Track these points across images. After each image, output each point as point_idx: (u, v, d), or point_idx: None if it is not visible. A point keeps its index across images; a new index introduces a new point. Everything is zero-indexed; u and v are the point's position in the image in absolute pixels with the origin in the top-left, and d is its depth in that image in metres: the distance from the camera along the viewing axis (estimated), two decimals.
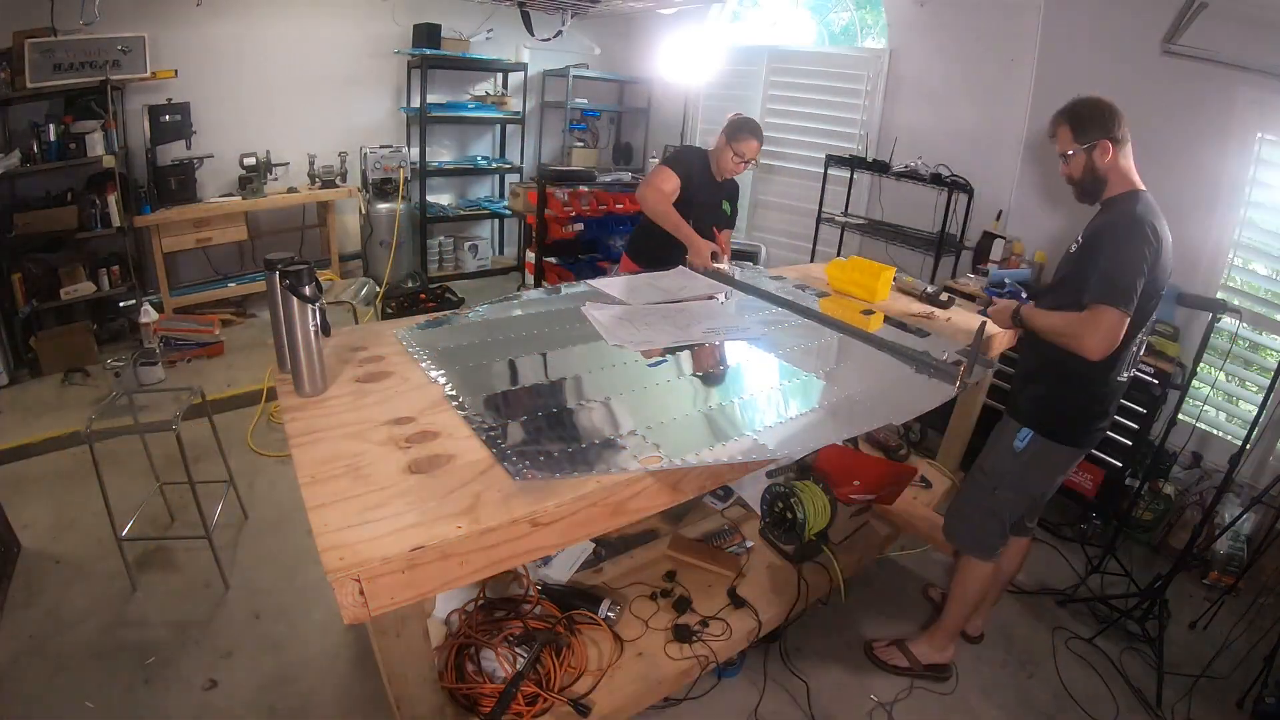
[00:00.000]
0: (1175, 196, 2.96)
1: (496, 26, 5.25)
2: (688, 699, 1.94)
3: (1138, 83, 2.99)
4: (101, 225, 3.72)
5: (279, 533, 2.54)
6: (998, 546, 1.98)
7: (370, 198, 4.85)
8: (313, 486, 1.13)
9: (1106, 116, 1.70)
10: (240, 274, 4.62)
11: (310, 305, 1.38)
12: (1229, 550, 2.65)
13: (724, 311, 2.11)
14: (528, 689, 1.52)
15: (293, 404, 1.41)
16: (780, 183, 4.93)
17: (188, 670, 1.95)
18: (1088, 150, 1.71)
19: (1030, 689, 2.13)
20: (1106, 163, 1.70)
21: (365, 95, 5.04)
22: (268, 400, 3.37)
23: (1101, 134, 1.69)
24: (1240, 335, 2.75)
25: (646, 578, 2.01)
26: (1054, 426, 1.84)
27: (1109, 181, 1.73)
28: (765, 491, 2.13)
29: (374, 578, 0.97)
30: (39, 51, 3.44)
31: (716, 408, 1.51)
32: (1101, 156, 1.70)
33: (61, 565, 2.32)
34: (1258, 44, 2.67)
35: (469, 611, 1.73)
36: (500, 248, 6.13)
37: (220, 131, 4.28)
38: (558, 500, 1.14)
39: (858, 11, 4.71)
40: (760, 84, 4.82)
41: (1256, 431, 2.34)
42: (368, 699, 1.90)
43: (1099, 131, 1.69)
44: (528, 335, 1.83)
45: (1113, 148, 1.69)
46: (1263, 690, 2.06)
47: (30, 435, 3.01)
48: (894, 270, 2.58)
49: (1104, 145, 1.69)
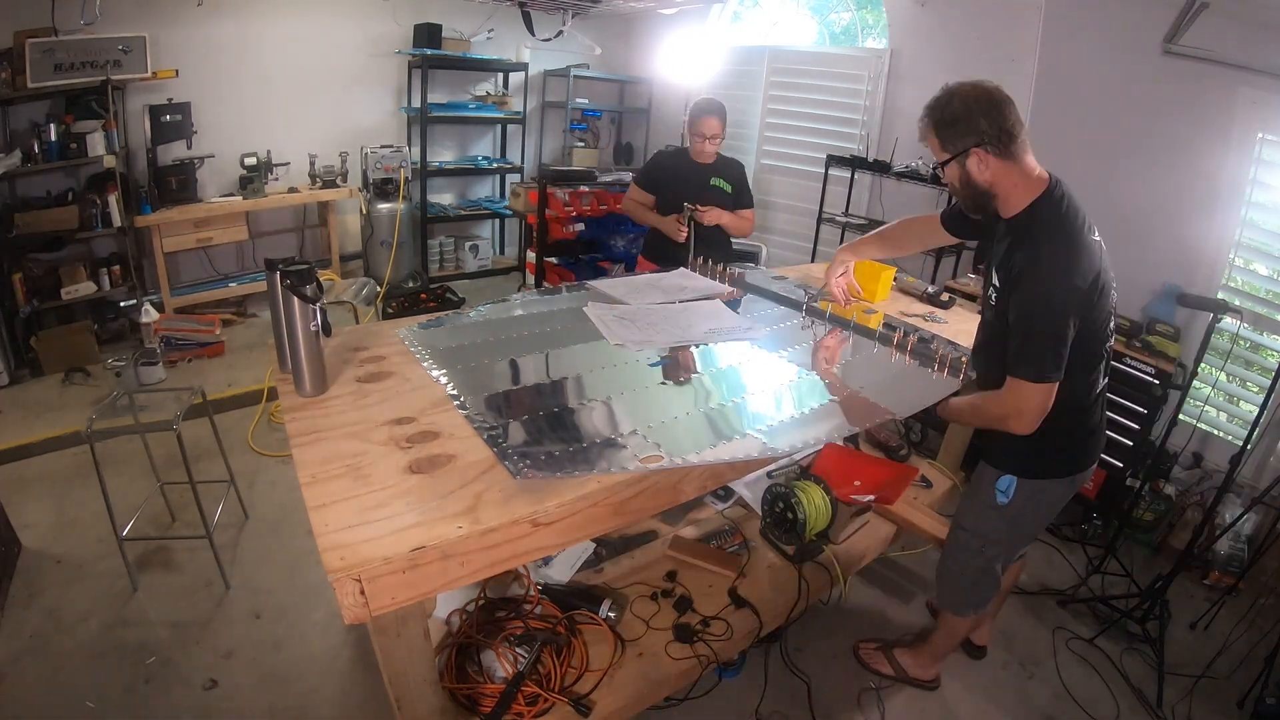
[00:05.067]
0: (1175, 196, 2.98)
1: (497, 26, 5.25)
2: (689, 699, 1.93)
3: (1138, 83, 2.99)
4: (102, 225, 3.72)
5: (280, 533, 2.54)
6: (992, 596, 1.82)
7: (371, 198, 4.85)
8: (313, 486, 1.13)
9: (979, 115, 1.34)
10: (241, 274, 4.62)
11: (311, 305, 1.38)
12: (1229, 551, 2.64)
13: (725, 312, 2.12)
14: (528, 689, 1.52)
15: (293, 404, 1.41)
16: (781, 183, 4.93)
17: (188, 670, 1.95)
18: (959, 161, 1.40)
19: (1031, 689, 2.13)
20: (988, 174, 1.39)
21: (366, 95, 5.04)
22: (268, 400, 3.36)
23: (972, 140, 1.35)
24: (1241, 336, 2.75)
25: (647, 578, 2.00)
26: (1039, 464, 1.57)
27: (999, 195, 1.41)
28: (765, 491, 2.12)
29: (375, 578, 0.97)
30: (40, 51, 3.44)
31: (717, 407, 1.51)
32: (979, 167, 1.38)
33: (62, 565, 2.32)
34: (1258, 44, 2.66)
35: (470, 611, 1.73)
36: (501, 248, 6.13)
37: (221, 131, 4.29)
38: (559, 500, 1.14)
39: (858, 11, 4.72)
40: (761, 84, 4.82)
41: (1257, 432, 2.34)
42: (368, 699, 1.89)
43: (970, 138, 1.35)
44: (529, 335, 1.83)
45: (990, 155, 1.36)
46: (1263, 691, 2.06)
47: (31, 435, 3.02)
48: (894, 270, 2.58)
49: (978, 155, 1.36)
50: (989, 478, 1.64)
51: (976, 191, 1.42)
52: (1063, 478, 1.61)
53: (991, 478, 1.63)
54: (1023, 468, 1.58)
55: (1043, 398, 1.35)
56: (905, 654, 2.10)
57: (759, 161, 4.96)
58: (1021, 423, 1.38)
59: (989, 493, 1.63)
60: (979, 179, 1.40)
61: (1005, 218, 1.47)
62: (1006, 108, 1.36)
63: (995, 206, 1.45)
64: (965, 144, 1.37)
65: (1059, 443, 1.53)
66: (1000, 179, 1.40)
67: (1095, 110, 3.19)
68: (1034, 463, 1.58)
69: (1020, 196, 1.41)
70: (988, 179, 1.40)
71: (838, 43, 4.85)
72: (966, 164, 1.39)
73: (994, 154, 1.37)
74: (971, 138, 1.36)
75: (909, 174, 3.82)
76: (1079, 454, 1.59)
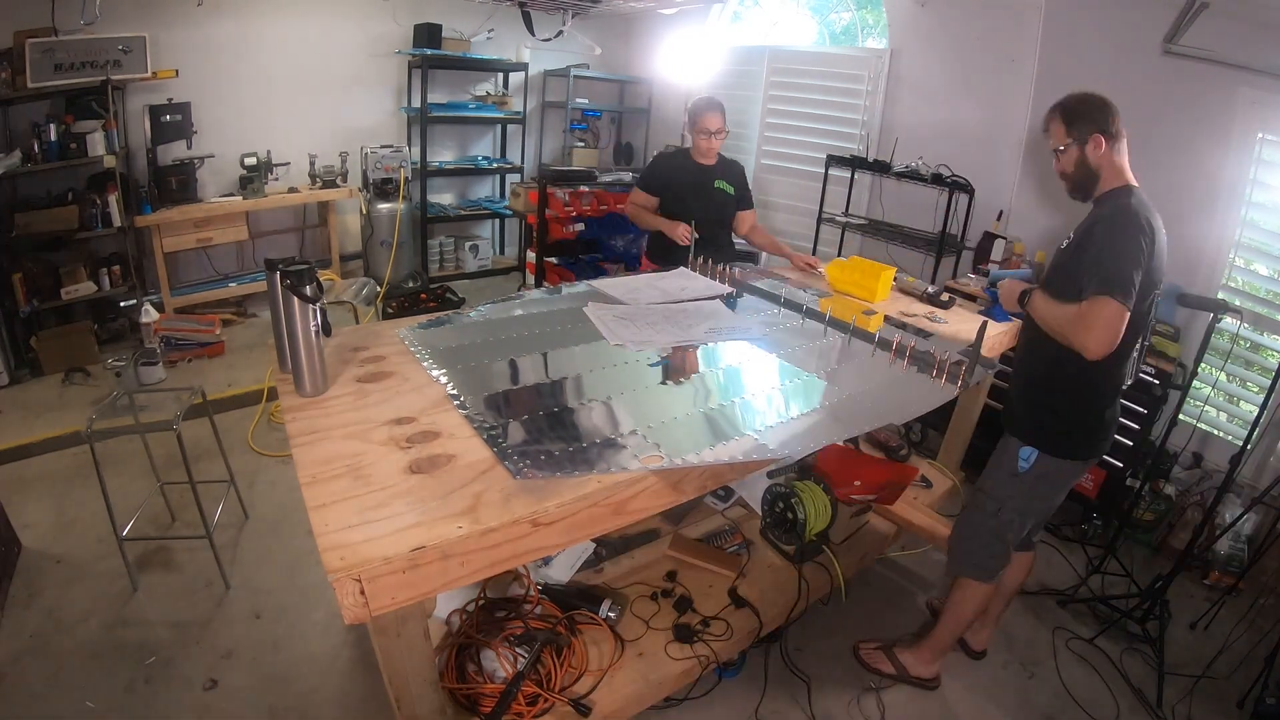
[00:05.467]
0: (1175, 196, 2.97)
1: (497, 26, 5.25)
2: (689, 699, 1.93)
3: (1138, 82, 2.99)
4: (102, 225, 3.72)
5: (280, 533, 2.54)
6: (1001, 568, 1.93)
7: (371, 198, 4.85)
8: (313, 486, 1.13)
9: (1100, 111, 1.67)
10: (241, 274, 4.62)
11: (311, 305, 1.39)
12: (1229, 551, 2.64)
13: (725, 312, 2.11)
14: (528, 689, 1.52)
15: (293, 404, 1.41)
16: (781, 183, 4.93)
17: (188, 670, 1.95)
18: (1080, 145, 1.68)
19: (1031, 689, 2.13)
20: (1099, 158, 1.67)
21: (366, 95, 5.04)
22: (268, 400, 3.36)
23: (1094, 128, 1.66)
24: (1241, 336, 2.75)
25: (647, 578, 2.01)
26: (1061, 442, 1.76)
27: (1101, 177, 1.69)
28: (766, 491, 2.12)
29: (375, 578, 0.97)
30: (40, 51, 3.44)
31: (717, 408, 1.51)
32: (1094, 151, 1.66)
33: (62, 565, 2.32)
34: (1258, 44, 2.66)
35: (470, 611, 1.73)
36: (501, 248, 6.13)
37: (221, 131, 4.29)
38: (559, 500, 1.14)
39: (858, 11, 4.72)
40: (761, 84, 4.82)
41: (1257, 432, 2.34)
42: (368, 699, 1.89)
43: (1092, 126, 1.66)
44: (529, 335, 1.83)
45: (1105, 142, 1.66)
46: (1263, 691, 2.06)
47: (31, 435, 3.02)
48: (894, 270, 2.58)
49: (1096, 139, 1.65)
50: (1013, 447, 1.82)
51: (1087, 172, 1.69)
52: (1077, 460, 1.79)
53: (1015, 447, 1.81)
54: (1045, 443, 1.77)
55: (1114, 318, 1.48)
56: (905, 652, 2.10)
57: (759, 161, 4.96)
58: (1090, 335, 1.50)
59: (1011, 460, 1.81)
60: (1092, 160, 1.67)
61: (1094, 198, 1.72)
62: (1116, 112, 1.67)
63: (1095, 189, 1.70)
64: (1088, 131, 1.66)
65: (1086, 422, 1.75)
66: (1106, 165, 1.67)
67: None
68: (1056, 440, 1.76)
69: (1113, 183, 1.68)
70: (1097, 161, 1.67)
71: (838, 43, 4.85)
72: (1086, 148, 1.67)
73: (1107, 143, 1.65)
74: (1094, 126, 1.66)
75: (909, 174, 3.82)
76: (1096, 440, 1.78)
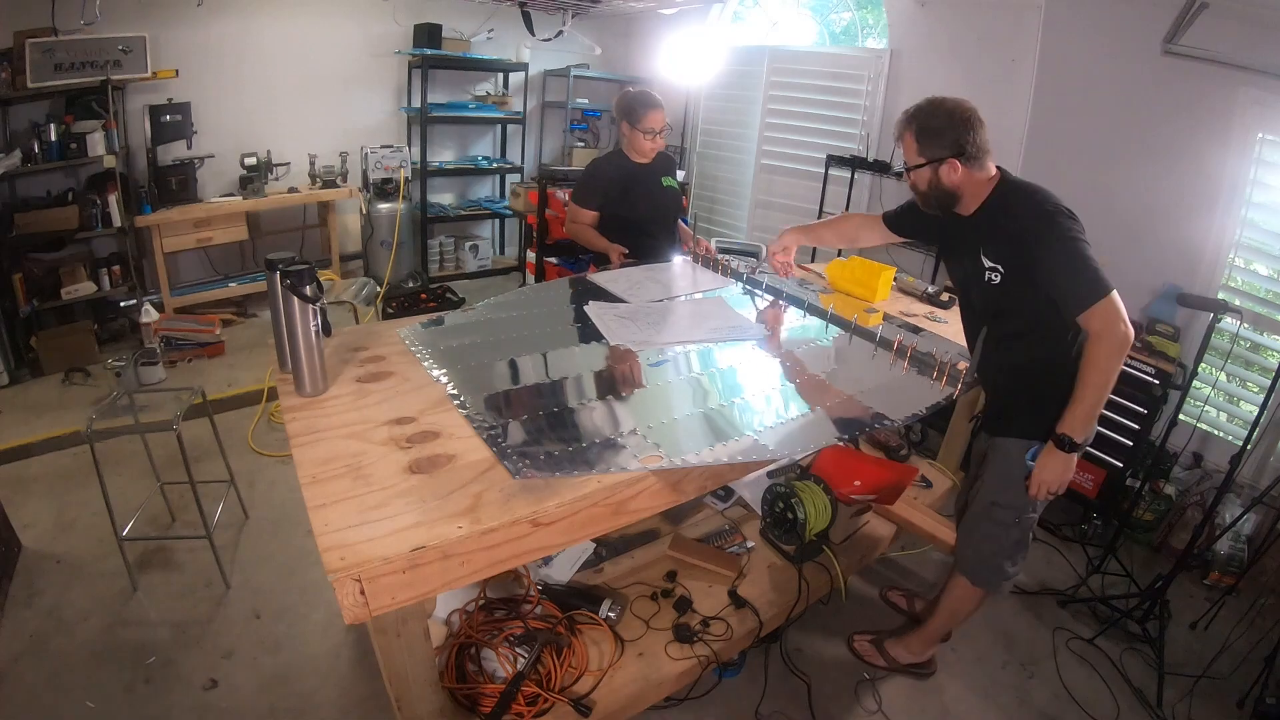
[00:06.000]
0: (1175, 196, 2.98)
1: (497, 26, 5.25)
2: (689, 699, 1.93)
3: (1138, 83, 2.99)
4: (102, 225, 3.72)
5: (280, 533, 2.54)
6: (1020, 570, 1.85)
7: (371, 198, 4.85)
8: (314, 486, 1.13)
9: (959, 128, 1.51)
10: (241, 274, 4.62)
11: (311, 305, 1.39)
12: (1229, 551, 2.64)
13: (726, 310, 2.11)
14: (528, 689, 1.52)
15: (293, 404, 1.41)
16: (781, 183, 4.92)
17: (188, 670, 1.95)
18: (933, 167, 1.55)
19: (1030, 689, 2.13)
20: (956, 180, 1.54)
21: (366, 95, 5.03)
22: (268, 400, 3.36)
23: (948, 152, 1.52)
24: (1241, 336, 2.75)
25: (647, 578, 2.01)
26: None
27: (963, 195, 1.57)
28: (766, 491, 2.12)
29: (375, 578, 0.97)
30: (40, 51, 3.44)
31: (717, 408, 1.51)
32: (950, 174, 1.54)
33: (62, 565, 2.32)
34: (1258, 44, 2.66)
35: (470, 611, 1.73)
36: (501, 248, 6.13)
37: (221, 131, 4.28)
38: (559, 500, 1.14)
39: (858, 12, 4.71)
40: (761, 84, 4.82)
41: (1257, 432, 2.34)
42: (368, 699, 1.89)
43: (945, 149, 1.52)
44: (529, 335, 1.83)
45: (962, 167, 1.52)
46: (1263, 691, 2.06)
47: (31, 435, 3.02)
48: (894, 270, 2.58)
49: (952, 164, 1.52)
50: (1016, 450, 1.68)
51: (943, 193, 1.59)
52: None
53: (1018, 448, 1.68)
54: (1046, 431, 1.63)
55: (1116, 309, 1.43)
56: (895, 645, 2.12)
57: (759, 162, 4.96)
58: (1120, 331, 1.43)
59: (1018, 464, 1.68)
60: (947, 183, 1.56)
61: (965, 215, 1.62)
62: (982, 129, 1.54)
63: (956, 207, 1.61)
64: (942, 153, 1.53)
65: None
66: (966, 184, 1.57)
67: (1095, 110, 3.18)
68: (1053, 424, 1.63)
69: (979, 195, 1.58)
70: (955, 183, 1.56)
71: (838, 43, 4.85)
72: (939, 170, 1.55)
73: (965, 165, 1.54)
74: (948, 150, 1.53)
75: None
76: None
